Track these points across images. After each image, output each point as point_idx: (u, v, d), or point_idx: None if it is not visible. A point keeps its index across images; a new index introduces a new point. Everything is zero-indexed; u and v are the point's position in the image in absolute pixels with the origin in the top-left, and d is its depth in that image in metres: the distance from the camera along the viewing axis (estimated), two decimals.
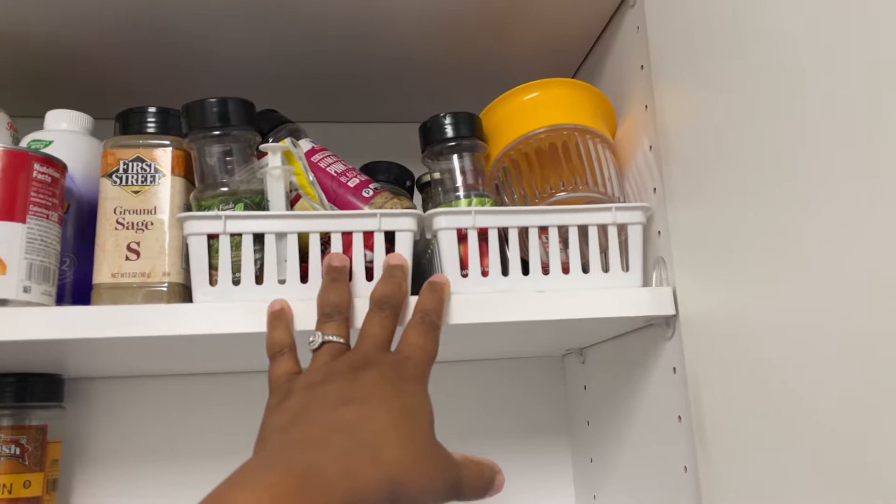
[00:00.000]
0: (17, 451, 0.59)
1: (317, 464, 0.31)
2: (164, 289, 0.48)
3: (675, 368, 0.49)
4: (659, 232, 0.51)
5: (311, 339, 0.43)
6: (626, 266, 0.51)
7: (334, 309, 0.44)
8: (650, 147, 0.53)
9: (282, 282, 0.47)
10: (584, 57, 0.66)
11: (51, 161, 0.47)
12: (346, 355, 0.41)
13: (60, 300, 0.49)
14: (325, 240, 0.48)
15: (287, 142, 0.51)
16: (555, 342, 0.64)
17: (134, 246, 0.48)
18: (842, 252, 0.32)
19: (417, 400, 0.39)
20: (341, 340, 0.42)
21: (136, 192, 0.49)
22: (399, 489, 0.33)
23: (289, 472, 0.30)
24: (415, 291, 0.47)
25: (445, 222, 0.49)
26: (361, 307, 0.45)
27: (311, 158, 0.53)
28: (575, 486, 0.72)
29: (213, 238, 0.47)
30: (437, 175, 0.56)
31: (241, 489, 0.29)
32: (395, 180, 0.62)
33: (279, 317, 0.44)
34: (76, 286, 0.51)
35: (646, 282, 0.51)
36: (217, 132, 0.50)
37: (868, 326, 0.30)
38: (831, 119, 0.32)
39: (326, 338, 0.42)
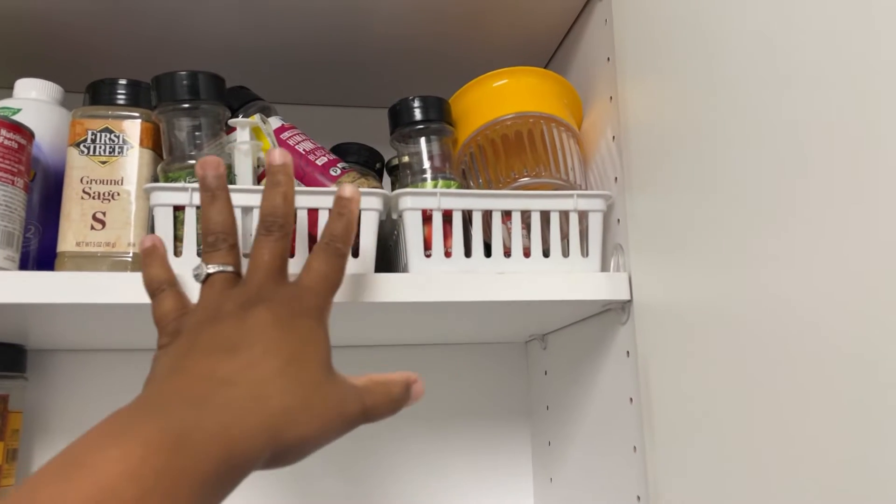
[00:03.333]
0: None
1: (192, 419, 0.30)
2: (129, 259, 0.49)
3: (628, 352, 0.51)
4: (619, 220, 0.53)
5: (195, 271, 0.40)
6: (585, 252, 0.52)
7: (218, 237, 0.40)
8: (613, 137, 0.54)
9: (246, 255, 0.48)
10: (555, 48, 0.67)
11: (17, 127, 0.47)
12: (236, 289, 0.38)
13: (24, 268, 0.49)
14: None
15: (256, 117, 0.51)
16: (518, 327, 0.66)
17: (100, 216, 0.49)
18: (791, 244, 0.33)
19: (309, 338, 0.37)
20: (229, 269, 0.40)
21: (103, 163, 0.50)
22: (282, 438, 0.33)
23: (163, 427, 0.28)
24: (379, 270, 0.49)
25: (411, 203, 0.50)
26: None
27: (280, 136, 0.54)
28: (533, 470, 0.74)
29: (179, 210, 0.48)
30: (405, 158, 0.56)
31: (111, 444, 0.27)
32: (365, 162, 0.63)
33: (152, 253, 0.41)
34: (40, 254, 0.51)
35: (604, 268, 0.53)
36: (186, 105, 0.50)
37: (816, 316, 0.32)
38: (785, 113, 0.34)
39: (211, 268, 0.39)
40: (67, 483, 0.25)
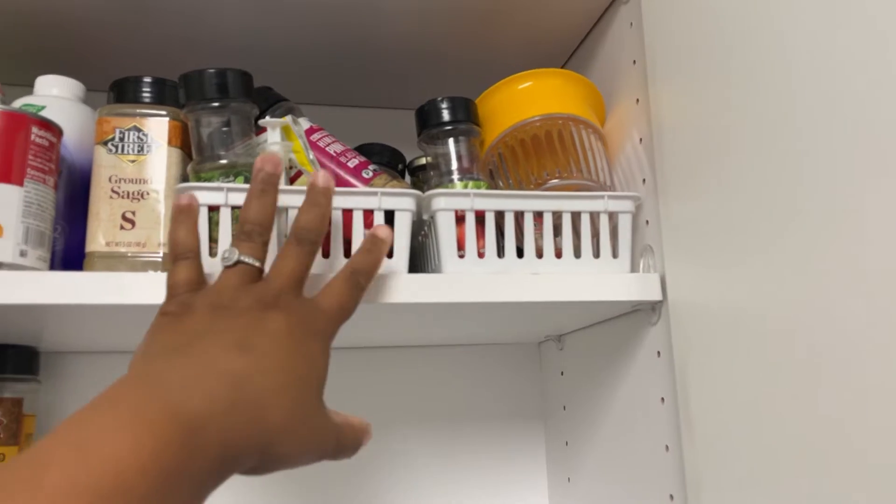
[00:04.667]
0: None
1: (201, 415, 0.30)
2: (159, 259, 0.48)
3: (659, 352, 0.51)
4: (647, 221, 0.53)
5: (225, 254, 0.40)
6: (615, 253, 0.52)
7: (255, 228, 0.40)
8: (640, 139, 0.54)
9: None
10: (573, 49, 0.68)
11: (48, 125, 0.46)
12: (258, 287, 0.39)
13: (51, 268, 0.48)
14: None
15: (288, 118, 0.51)
16: (535, 328, 0.66)
17: (129, 215, 0.48)
18: (832, 247, 0.34)
19: (315, 362, 0.37)
20: (257, 264, 0.40)
21: (132, 161, 0.49)
22: (270, 451, 0.33)
23: (173, 418, 0.28)
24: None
25: (444, 203, 0.50)
26: None
27: (310, 137, 0.53)
28: (548, 470, 0.74)
29: (213, 210, 0.47)
30: (431, 159, 0.56)
31: (123, 428, 0.27)
32: (387, 163, 0.63)
33: (187, 212, 0.41)
34: (65, 254, 0.50)
35: (633, 268, 0.53)
36: (216, 104, 0.50)
37: (863, 319, 0.32)
38: (825, 115, 0.34)
39: (242, 258, 0.39)
40: (78, 468, 0.25)
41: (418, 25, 0.62)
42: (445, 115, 0.55)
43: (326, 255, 0.48)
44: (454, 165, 0.55)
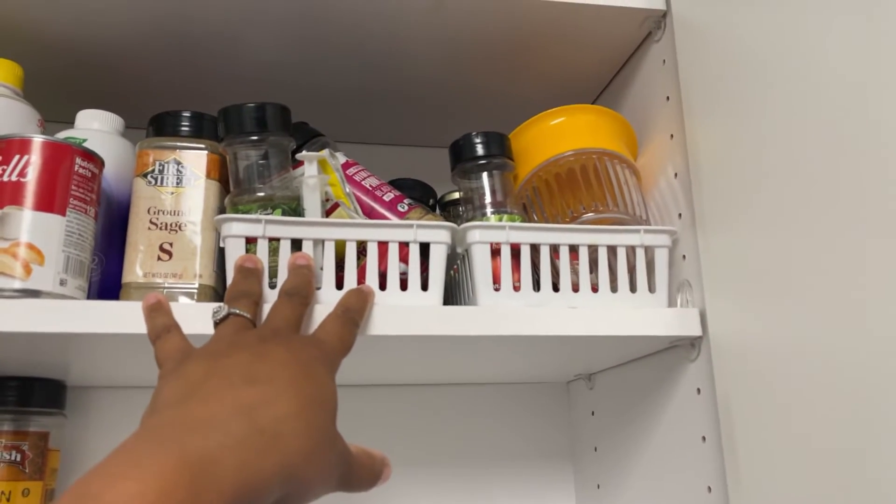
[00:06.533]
0: (18, 458, 0.57)
1: (211, 452, 0.29)
2: (195, 290, 0.48)
3: (699, 389, 0.50)
4: (684, 256, 0.52)
5: (214, 309, 0.41)
6: (652, 288, 0.52)
7: (243, 293, 0.42)
8: (675, 174, 0.54)
9: (317, 289, 0.47)
10: (604, 86, 0.68)
11: (91, 156, 0.46)
12: (253, 330, 0.40)
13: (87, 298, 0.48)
14: (360, 250, 0.49)
15: (325, 152, 0.51)
16: (567, 365, 0.65)
17: (167, 246, 0.48)
18: (882, 282, 0.33)
19: (324, 386, 0.36)
20: (248, 315, 0.41)
21: (171, 194, 0.49)
22: (293, 479, 0.32)
23: (180, 459, 0.27)
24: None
25: (479, 236, 0.50)
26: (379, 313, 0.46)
27: (347, 171, 0.53)
28: None
29: (250, 242, 0.47)
30: (465, 193, 0.56)
31: (123, 476, 0.26)
32: (419, 198, 0.63)
33: (157, 307, 0.42)
34: (101, 285, 0.50)
35: (670, 303, 0.52)
36: (254, 138, 0.50)
37: None
38: (867, 148, 0.34)
39: (233, 310, 0.40)
40: None
41: (448, 62, 0.63)
42: (480, 150, 0.55)
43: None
44: (488, 199, 0.55)
